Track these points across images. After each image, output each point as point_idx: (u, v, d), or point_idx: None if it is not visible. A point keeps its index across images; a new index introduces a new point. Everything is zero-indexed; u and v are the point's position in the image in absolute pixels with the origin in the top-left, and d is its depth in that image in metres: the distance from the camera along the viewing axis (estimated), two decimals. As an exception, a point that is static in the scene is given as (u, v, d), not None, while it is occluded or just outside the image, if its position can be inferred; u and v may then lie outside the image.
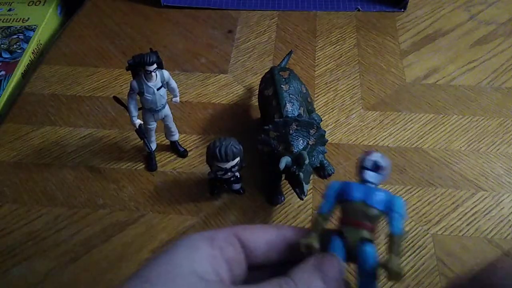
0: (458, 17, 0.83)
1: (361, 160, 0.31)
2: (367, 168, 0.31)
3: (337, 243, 0.30)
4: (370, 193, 0.30)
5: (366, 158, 0.31)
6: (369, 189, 0.31)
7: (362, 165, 0.31)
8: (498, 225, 0.54)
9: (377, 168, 0.31)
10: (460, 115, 0.66)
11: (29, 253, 0.53)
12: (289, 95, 0.55)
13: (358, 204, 0.30)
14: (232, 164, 0.51)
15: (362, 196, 0.30)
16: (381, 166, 0.31)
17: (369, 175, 0.31)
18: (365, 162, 0.31)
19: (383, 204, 0.30)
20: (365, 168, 0.31)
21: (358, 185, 0.31)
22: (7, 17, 0.86)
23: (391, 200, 0.30)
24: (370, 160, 0.31)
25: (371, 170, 0.31)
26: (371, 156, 0.31)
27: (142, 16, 0.85)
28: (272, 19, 0.83)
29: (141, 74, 0.53)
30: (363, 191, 0.30)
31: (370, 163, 0.31)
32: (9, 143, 0.64)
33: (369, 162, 0.31)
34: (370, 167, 0.31)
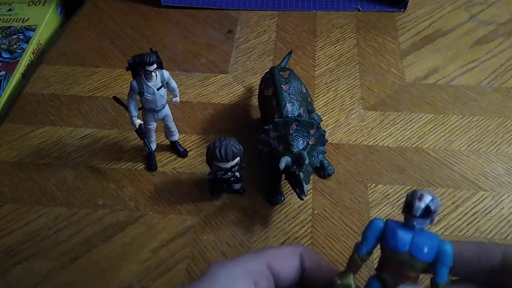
0: (458, 17, 0.83)
1: (409, 204, 0.28)
2: (416, 216, 0.27)
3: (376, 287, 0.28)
4: (417, 243, 0.27)
5: (415, 203, 0.27)
6: (416, 237, 0.27)
7: (411, 212, 0.27)
8: (498, 225, 0.54)
9: (427, 214, 0.27)
10: (460, 115, 0.66)
11: (29, 253, 0.53)
12: (289, 95, 0.55)
13: (404, 255, 0.27)
14: (232, 164, 0.51)
15: (408, 247, 0.27)
16: (432, 211, 0.27)
17: (417, 222, 0.27)
18: (415, 210, 0.27)
19: (431, 255, 0.27)
20: (414, 216, 0.27)
21: (403, 232, 0.27)
22: (7, 17, 0.86)
23: (440, 249, 0.27)
24: (420, 206, 0.27)
25: (420, 217, 0.27)
26: (421, 201, 0.27)
27: (142, 16, 0.85)
28: (272, 19, 0.83)
29: (141, 74, 0.53)
30: (409, 240, 0.27)
31: (420, 210, 0.27)
32: (9, 143, 0.64)
33: (419, 209, 0.27)
34: (420, 215, 0.27)
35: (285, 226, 0.55)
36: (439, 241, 0.28)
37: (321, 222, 0.55)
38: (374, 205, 0.56)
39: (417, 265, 0.27)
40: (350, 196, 0.57)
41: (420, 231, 0.28)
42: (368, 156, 0.61)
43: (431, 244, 0.27)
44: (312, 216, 0.55)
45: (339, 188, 0.58)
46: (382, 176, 0.59)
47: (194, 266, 0.51)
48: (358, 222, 0.55)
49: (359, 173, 0.59)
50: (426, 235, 0.28)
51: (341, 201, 0.57)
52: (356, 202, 0.57)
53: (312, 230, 0.54)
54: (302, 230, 0.54)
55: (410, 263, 0.27)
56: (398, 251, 0.27)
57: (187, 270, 0.51)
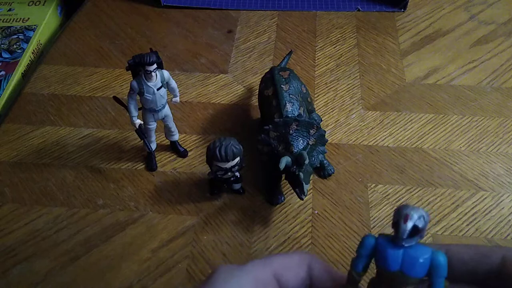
0: (458, 17, 0.83)
1: (396, 223, 0.27)
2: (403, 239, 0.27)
3: None
4: (408, 261, 0.27)
5: (401, 225, 0.26)
6: (406, 254, 0.27)
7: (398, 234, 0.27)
8: (498, 225, 0.54)
9: (416, 232, 0.27)
10: (460, 115, 0.66)
11: (29, 253, 0.53)
12: (289, 95, 0.55)
13: (396, 274, 0.27)
14: (232, 164, 0.51)
15: (399, 266, 0.27)
16: (420, 229, 0.27)
17: (406, 241, 0.27)
18: (401, 232, 0.27)
19: (424, 270, 0.27)
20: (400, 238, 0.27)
21: (393, 251, 0.27)
22: (7, 17, 0.86)
23: (433, 261, 0.27)
24: (406, 228, 0.26)
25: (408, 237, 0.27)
26: (407, 223, 0.26)
27: (142, 16, 0.85)
28: (272, 19, 0.83)
29: (141, 74, 0.53)
30: (400, 258, 0.27)
31: (406, 232, 0.27)
32: (9, 143, 0.64)
33: (406, 231, 0.26)
34: (406, 236, 0.27)
35: (285, 226, 0.55)
36: (432, 253, 0.27)
37: (321, 222, 0.55)
38: (374, 205, 0.56)
39: (411, 281, 0.27)
40: (350, 196, 0.57)
41: (411, 248, 0.27)
42: (368, 156, 0.61)
43: (423, 259, 0.27)
44: (312, 216, 0.55)
45: (339, 188, 0.58)
46: (382, 176, 0.59)
47: (194, 266, 0.51)
48: (358, 222, 0.55)
49: (359, 173, 0.59)
50: (417, 250, 0.27)
51: (341, 201, 0.57)
52: (356, 202, 0.57)
53: (312, 230, 0.54)
54: (302, 230, 0.54)
55: (404, 281, 0.27)
56: (390, 270, 0.27)
57: (187, 270, 0.51)
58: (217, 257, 0.52)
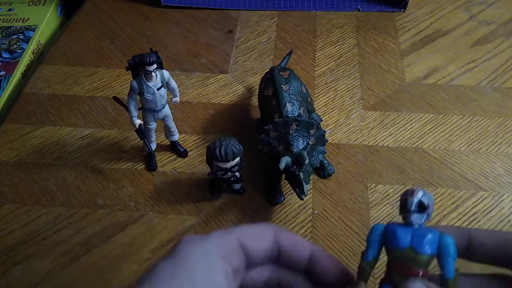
0: (458, 17, 0.83)
1: (403, 202, 0.29)
2: (411, 211, 0.29)
3: None
4: (417, 238, 0.28)
5: (408, 199, 0.29)
6: (415, 232, 0.28)
7: (406, 208, 0.29)
8: (498, 225, 0.54)
9: (422, 208, 0.29)
10: (460, 115, 0.66)
11: (29, 253, 0.53)
12: (289, 95, 0.55)
13: (406, 252, 0.28)
14: (232, 164, 0.51)
15: (409, 242, 0.28)
16: (426, 205, 0.29)
17: (414, 217, 0.29)
18: (409, 205, 0.29)
19: (433, 247, 0.28)
20: (409, 211, 0.29)
21: (403, 229, 0.29)
22: (7, 17, 0.86)
23: (441, 241, 0.28)
24: (413, 201, 0.29)
25: (415, 212, 0.29)
26: (413, 197, 0.29)
27: (142, 16, 0.85)
28: (272, 19, 0.83)
29: (141, 74, 0.53)
30: (409, 236, 0.28)
31: (413, 205, 0.29)
32: (9, 143, 0.64)
33: (413, 203, 0.29)
34: (414, 209, 0.29)
35: (285, 226, 0.54)
36: (440, 235, 0.28)
37: (321, 222, 0.55)
38: (374, 205, 0.56)
39: (421, 259, 0.28)
40: (350, 196, 0.57)
41: (419, 227, 0.29)
42: (368, 156, 0.61)
43: (431, 237, 0.28)
44: (312, 216, 0.55)
45: (339, 188, 0.58)
46: (382, 176, 0.59)
47: (194, 266, 0.51)
48: (358, 222, 0.55)
49: (359, 173, 0.59)
50: (426, 229, 0.29)
51: (341, 201, 0.57)
52: (356, 202, 0.57)
53: (312, 230, 0.54)
54: (302, 230, 0.54)
55: (414, 259, 0.28)
56: (401, 248, 0.28)
57: (187, 270, 0.51)
58: (217, 257, 0.52)
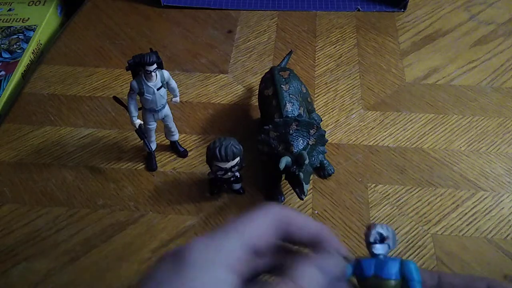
0: (458, 17, 0.83)
1: (366, 236, 0.33)
2: (373, 243, 0.32)
3: None
4: (379, 266, 0.31)
5: (369, 233, 0.33)
6: (378, 262, 0.31)
7: (368, 241, 0.32)
8: (498, 225, 0.54)
9: (383, 239, 0.32)
10: (460, 115, 0.66)
11: (29, 253, 0.53)
12: (289, 95, 0.55)
13: (372, 279, 0.31)
14: (232, 164, 0.51)
15: (373, 271, 0.31)
16: (386, 236, 0.32)
17: (376, 248, 0.32)
18: (370, 237, 0.32)
19: (396, 273, 0.30)
20: (372, 243, 0.32)
21: (367, 261, 0.32)
22: (7, 17, 0.86)
23: (404, 267, 0.31)
24: (374, 234, 0.32)
25: (377, 243, 0.32)
26: (373, 230, 0.33)
27: (142, 16, 0.85)
28: (272, 19, 0.83)
29: (141, 74, 0.53)
30: (373, 265, 0.31)
31: (374, 236, 0.32)
32: (9, 143, 0.64)
33: (374, 235, 0.32)
34: (375, 241, 0.32)
35: (285, 226, 0.54)
36: (401, 262, 0.31)
37: (321, 222, 0.55)
38: (374, 205, 0.56)
39: (387, 285, 0.30)
40: (350, 196, 0.57)
41: (383, 258, 0.32)
42: (368, 156, 0.61)
43: (392, 263, 0.31)
44: (312, 216, 0.55)
45: (339, 188, 0.58)
46: (382, 176, 0.59)
47: (194, 266, 0.51)
48: (358, 222, 0.55)
49: (359, 173, 0.59)
50: (388, 258, 0.32)
51: (341, 201, 0.57)
52: (356, 202, 0.57)
53: (312, 230, 0.54)
54: (302, 230, 0.54)
55: (380, 285, 0.30)
56: (366, 276, 0.31)
57: (187, 270, 0.51)
58: (217, 257, 0.52)
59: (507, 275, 0.50)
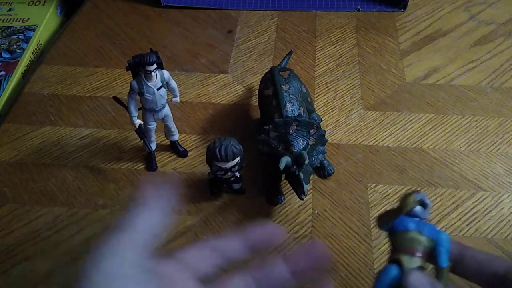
0: (458, 17, 0.83)
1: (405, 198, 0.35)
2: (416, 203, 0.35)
3: (394, 271, 0.33)
4: (421, 224, 0.35)
5: (415, 194, 0.35)
6: (419, 222, 0.35)
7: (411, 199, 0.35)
8: (498, 225, 0.54)
9: (424, 205, 0.35)
10: (460, 115, 0.66)
11: (29, 253, 0.53)
12: (289, 95, 0.55)
13: (414, 233, 0.34)
14: (232, 164, 0.51)
15: (416, 226, 0.34)
16: (427, 204, 0.35)
17: (418, 209, 0.35)
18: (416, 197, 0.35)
19: (434, 235, 0.34)
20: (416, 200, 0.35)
21: (410, 219, 0.35)
22: (7, 17, 0.86)
23: (439, 233, 0.34)
24: (418, 197, 0.35)
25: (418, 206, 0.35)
26: (419, 194, 0.35)
27: (142, 16, 0.85)
28: (272, 19, 0.83)
29: (141, 74, 0.53)
30: (416, 222, 0.35)
31: (418, 201, 0.35)
32: (9, 143, 0.64)
33: (418, 199, 0.35)
34: (419, 204, 0.35)
35: (285, 226, 0.54)
36: (439, 230, 0.35)
37: (321, 222, 0.55)
38: (374, 205, 0.56)
39: (424, 240, 0.34)
40: (350, 196, 0.57)
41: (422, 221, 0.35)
42: (368, 156, 0.61)
43: (432, 227, 0.35)
44: (312, 216, 0.55)
45: (339, 188, 0.58)
46: (382, 176, 0.59)
47: (194, 266, 0.51)
48: (358, 222, 0.55)
49: (359, 173, 0.59)
50: (427, 223, 0.35)
51: (341, 201, 0.57)
52: (356, 202, 0.57)
53: (312, 230, 0.54)
54: (302, 230, 0.54)
55: (418, 239, 0.34)
56: (409, 229, 0.34)
57: (187, 270, 0.51)
58: (217, 257, 0.52)
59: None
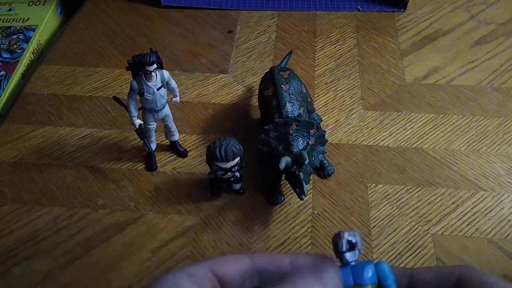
0: (458, 17, 0.83)
1: (335, 246, 0.32)
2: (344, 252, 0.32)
3: None
4: (357, 273, 0.31)
5: (338, 242, 0.32)
6: (354, 268, 0.32)
7: (339, 250, 0.32)
8: (498, 225, 0.54)
9: (352, 246, 0.32)
10: (460, 115, 0.66)
11: (29, 253, 0.53)
12: (289, 95, 0.55)
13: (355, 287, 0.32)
14: (232, 164, 0.51)
15: (352, 279, 0.31)
16: (354, 242, 0.32)
17: (347, 256, 0.32)
18: (340, 247, 0.32)
19: (373, 276, 0.31)
20: (342, 252, 0.32)
21: (343, 270, 0.32)
22: (7, 17, 0.86)
23: (379, 269, 0.31)
24: (342, 242, 0.32)
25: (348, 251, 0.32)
26: (342, 239, 0.32)
27: (142, 16, 0.85)
28: (272, 19, 0.83)
29: (141, 74, 0.53)
30: (350, 274, 0.31)
31: (344, 245, 0.32)
32: (9, 143, 0.64)
33: (343, 244, 0.32)
34: (346, 249, 0.32)
35: (285, 226, 0.55)
36: (374, 264, 0.31)
37: (321, 222, 0.55)
38: (374, 205, 0.56)
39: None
40: (350, 196, 0.57)
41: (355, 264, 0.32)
42: (368, 156, 0.61)
43: (368, 267, 0.31)
44: (312, 216, 0.55)
45: (339, 188, 0.58)
46: (382, 176, 0.59)
47: (194, 266, 0.51)
48: (358, 222, 0.55)
49: (359, 173, 0.59)
50: (361, 263, 0.32)
51: (341, 201, 0.57)
52: (356, 202, 0.57)
53: (312, 230, 0.54)
54: (302, 230, 0.54)
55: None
56: (347, 286, 0.31)
57: (187, 270, 0.51)
58: (217, 257, 0.52)
59: (507, 275, 0.50)
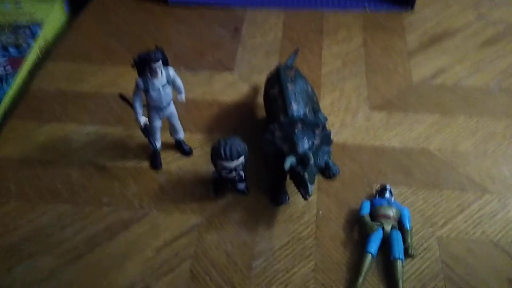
0: (466, 17, 0.82)
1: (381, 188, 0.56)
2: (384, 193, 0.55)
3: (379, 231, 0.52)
4: (390, 201, 0.54)
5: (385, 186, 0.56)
6: (388, 199, 0.55)
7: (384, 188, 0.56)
8: (504, 228, 0.54)
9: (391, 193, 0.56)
10: (467, 116, 0.66)
11: (33, 250, 0.53)
12: (294, 94, 0.55)
13: (386, 206, 0.53)
14: (237, 163, 0.51)
15: (386, 202, 0.54)
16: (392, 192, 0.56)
17: (388, 195, 0.55)
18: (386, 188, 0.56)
19: (399, 208, 0.54)
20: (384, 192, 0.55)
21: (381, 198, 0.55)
22: (14, 13, 0.86)
23: (402, 208, 0.54)
24: (387, 188, 0.55)
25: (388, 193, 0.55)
26: (387, 186, 0.56)
27: (149, 14, 0.85)
28: (279, 18, 0.83)
29: (146, 71, 0.53)
30: (386, 200, 0.54)
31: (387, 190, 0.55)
32: (15, 140, 0.64)
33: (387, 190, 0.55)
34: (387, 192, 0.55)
35: (289, 227, 0.54)
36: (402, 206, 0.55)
37: (325, 222, 0.55)
38: (379, 206, 0.56)
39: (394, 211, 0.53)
40: (355, 197, 0.57)
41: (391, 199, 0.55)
42: (374, 157, 0.61)
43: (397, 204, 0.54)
44: (317, 217, 0.55)
45: (344, 189, 0.58)
46: (388, 177, 0.59)
47: (197, 266, 0.51)
48: (363, 223, 0.54)
49: (364, 174, 0.59)
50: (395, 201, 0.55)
51: (346, 202, 0.56)
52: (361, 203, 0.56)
53: (316, 230, 0.54)
54: (306, 231, 0.54)
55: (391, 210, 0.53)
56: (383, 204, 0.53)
57: (190, 269, 0.51)
58: (220, 256, 0.52)
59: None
